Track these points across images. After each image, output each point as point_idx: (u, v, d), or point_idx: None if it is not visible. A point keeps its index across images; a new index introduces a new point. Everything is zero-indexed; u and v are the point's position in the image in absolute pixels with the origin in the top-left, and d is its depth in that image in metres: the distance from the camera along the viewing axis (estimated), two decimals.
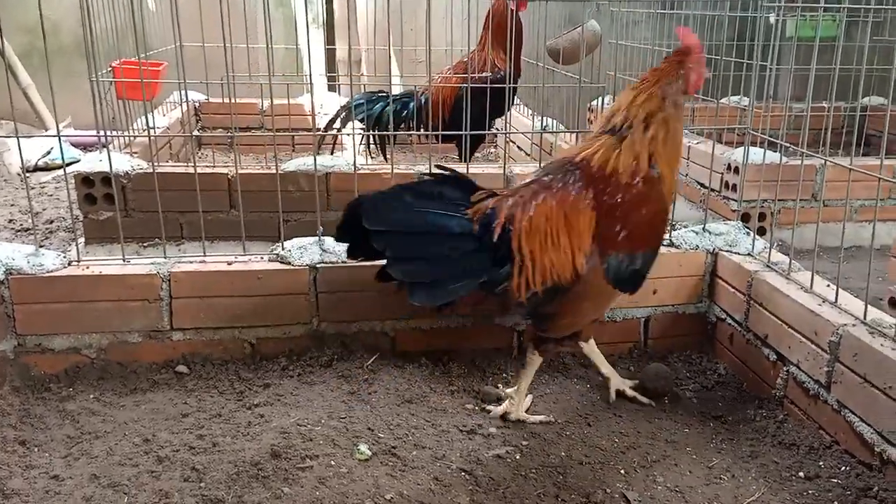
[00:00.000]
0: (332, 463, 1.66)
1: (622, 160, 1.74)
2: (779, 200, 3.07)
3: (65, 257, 2.08)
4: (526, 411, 1.92)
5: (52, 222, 3.44)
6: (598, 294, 1.80)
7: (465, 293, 1.69)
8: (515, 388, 1.93)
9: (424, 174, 1.73)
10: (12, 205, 3.73)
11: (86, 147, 4.41)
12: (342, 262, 2.14)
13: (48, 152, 4.39)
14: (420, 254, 1.67)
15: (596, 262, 1.74)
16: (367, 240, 1.65)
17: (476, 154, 3.80)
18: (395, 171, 2.70)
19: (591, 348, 2.04)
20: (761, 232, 3.16)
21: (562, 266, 1.72)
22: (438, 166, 1.84)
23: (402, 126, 3.37)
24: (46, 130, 4.71)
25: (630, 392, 2.02)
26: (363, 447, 1.71)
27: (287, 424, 1.80)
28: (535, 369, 1.93)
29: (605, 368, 2.04)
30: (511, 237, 1.70)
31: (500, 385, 2.07)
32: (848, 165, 1.91)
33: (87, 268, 2.06)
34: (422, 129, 3.35)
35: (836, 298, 1.88)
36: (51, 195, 3.91)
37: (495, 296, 1.78)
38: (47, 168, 4.39)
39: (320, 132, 3.33)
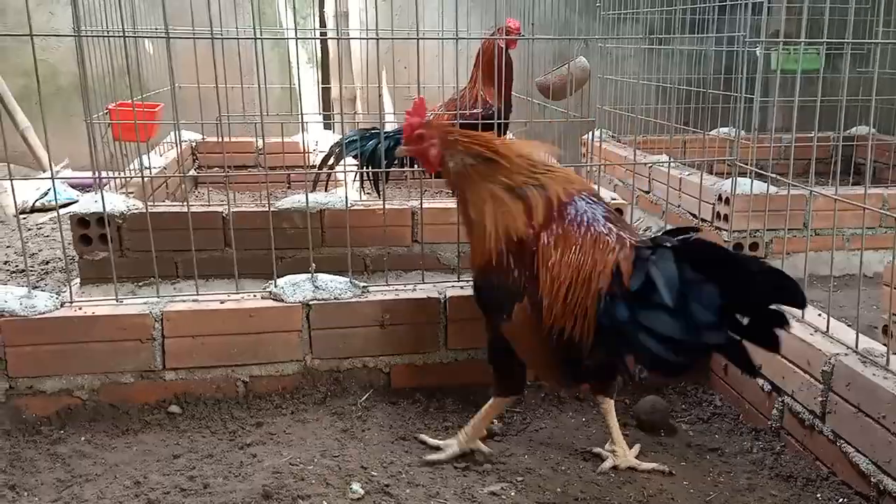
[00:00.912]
0: (325, 503, 1.64)
1: None
2: (770, 230, 3.09)
3: (57, 298, 2.09)
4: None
5: (47, 263, 3.45)
6: None
7: None
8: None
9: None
10: (8, 246, 3.74)
11: (84, 188, 4.45)
12: (335, 298, 2.15)
13: (45, 193, 4.42)
14: None
15: None
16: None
17: None
18: (389, 206, 2.72)
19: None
20: None
21: None
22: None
23: (396, 162, 3.40)
24: (44, 172, 4.75)
25: (644, 465, 1.84)
26: (356, 486, 1.69)
27: (279, 464, 1.78)
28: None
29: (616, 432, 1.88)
30: None
31: (494, 420, 2.06)
32: (833, 195, 1.93)
33: (80, 309, 2.07)
34: (415, 166, 3.37)
35: (828, 328, 1.88)
36: (47, 236, 3.92)
37: None
38: (44, 209, 4.41)
39: (314, 170, 3.37)
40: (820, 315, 1.97)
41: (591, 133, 3.82)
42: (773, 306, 1.39)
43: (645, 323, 1.46)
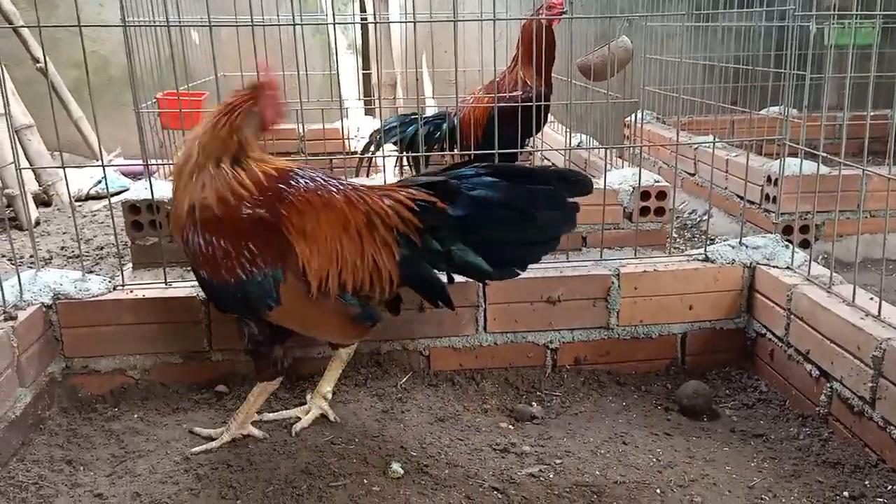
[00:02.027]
0: (365, 481, 1.67)
1: None
2: (821, 212, 2.99)
3: (110, 282, 2.17)
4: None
5: (101, 248, 3.57)
6: None
7: None
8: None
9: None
10: (64, 232, 3.89)
11: (135, 176, 4.58)
12: None
13: (99, 182, 4.57)
14: None
15: None
16: None
17: None
18: None
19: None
20: (805, 245, 3.07)
21: None
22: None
23: (436, 147, 3.40)
24: (97, 161, 4.90)
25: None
26: (395, 466, 1.72)
27: (321, 443, 1.83)
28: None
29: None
30: None
31: (534, 403, 2.06)
32: (888, 175, 1.86)
33: (131, 292, 2.14)
34: (455, 150, 3.37)
35: (879, 312, 1.82)
36: (101, 222, 4.06)
37: None
38: (99, 197, 4.57)
39: (355, 156, 3.40)
40: (872, 299, 1.90)
41: (634, 115, 3.75)
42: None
43: (495, 237, 1.71)
